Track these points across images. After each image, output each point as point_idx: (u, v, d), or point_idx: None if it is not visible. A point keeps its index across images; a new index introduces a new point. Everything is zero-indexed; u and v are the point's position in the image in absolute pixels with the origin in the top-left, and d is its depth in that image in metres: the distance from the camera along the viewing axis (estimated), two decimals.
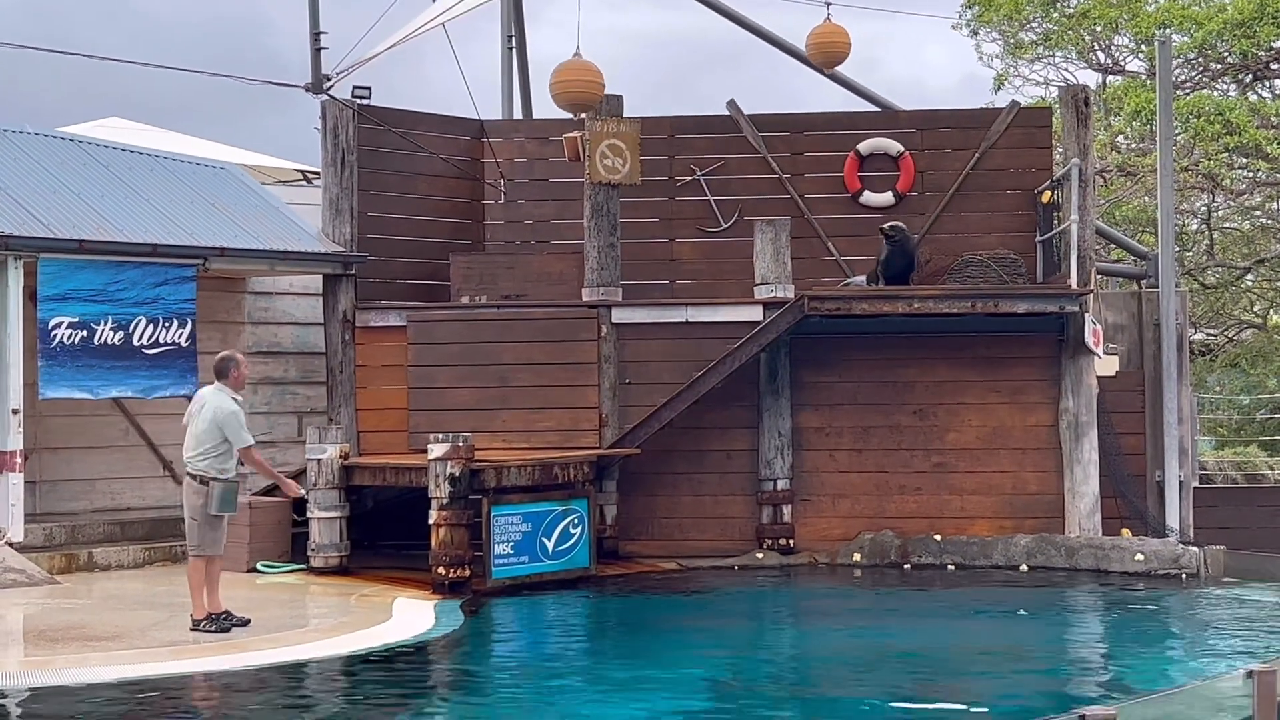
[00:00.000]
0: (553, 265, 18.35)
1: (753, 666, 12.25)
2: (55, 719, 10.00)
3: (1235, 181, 28.01)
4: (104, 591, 14.80)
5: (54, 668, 11.16)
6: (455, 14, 18.18)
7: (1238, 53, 26.25)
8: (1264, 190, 28.74)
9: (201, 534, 12.47)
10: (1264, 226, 30.22)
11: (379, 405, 17.82)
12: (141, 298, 16.38)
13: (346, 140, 18.19)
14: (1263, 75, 27.67)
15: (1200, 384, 28.02)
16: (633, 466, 17.33)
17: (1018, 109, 19.70)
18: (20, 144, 17.26)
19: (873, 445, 17.68)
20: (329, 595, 14.86)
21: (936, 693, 10.99)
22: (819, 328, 17.29)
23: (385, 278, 18.53)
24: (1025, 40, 29.35)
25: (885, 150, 19.15)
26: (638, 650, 12.68)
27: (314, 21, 18.48)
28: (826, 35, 19.07)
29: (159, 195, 17.49)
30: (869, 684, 11.29)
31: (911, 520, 17.46)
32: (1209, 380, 29.60)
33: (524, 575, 15.53)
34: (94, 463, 17.71)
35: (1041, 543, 16.87)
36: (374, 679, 11.44)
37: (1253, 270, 29.85)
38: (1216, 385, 29.71)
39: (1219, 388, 29.88)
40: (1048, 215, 18.29)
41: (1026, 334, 17.60)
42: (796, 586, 16.18)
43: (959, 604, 14.91)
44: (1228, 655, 11.96)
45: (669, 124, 19.39)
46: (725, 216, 19.18)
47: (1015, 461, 17.61)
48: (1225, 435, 27.85)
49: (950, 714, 10.31)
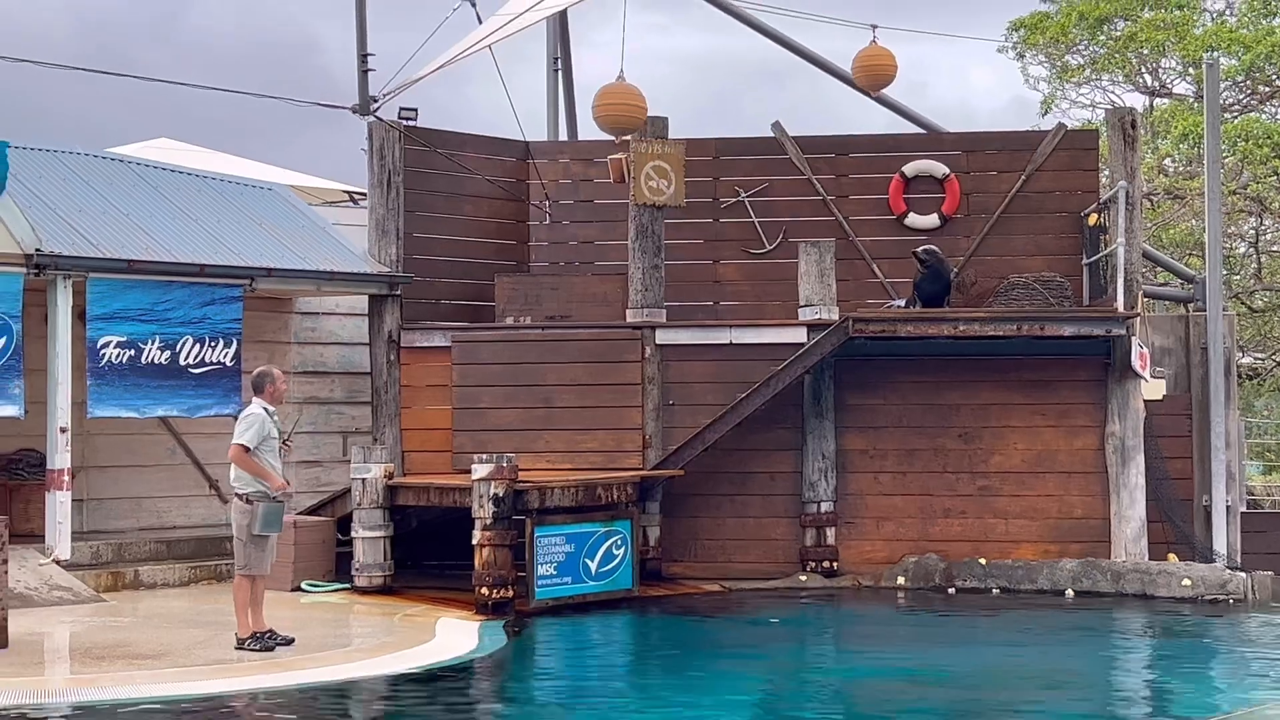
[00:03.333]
0: (597, 286, 18.34)
1: (797, 690, 12.18)
2: None
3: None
4: (149, 610, 14.85)
5: (99, 685, 11.18)
6: (502, 36, 18.21)
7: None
8: None
9: (247, 553, 12.50)
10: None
11: (423, 425, 17.85)
12: (188, 317, 16.46)
13: (393, 161, 18.26)
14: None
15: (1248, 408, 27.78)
16: (676, 488, 17.30)
17: (1064, 131, 19.60)
18: (70, 164, 17.38)
19: (917, 468, 17.61)
20: (373, 615, 14.87)
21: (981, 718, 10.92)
22: (863, 350, 17.24)
23: (430, 298, 18.58)
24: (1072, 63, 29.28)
25: (931, 172, 19.10)
26: (681, 673, 12.63)
27: (361, 43, 18.56)
28: (873, 58, 19.06)
29: (207, 215, 17.58)
30: (914, 710, 11.22)
31: (956, 544, 17.37)
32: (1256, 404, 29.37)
33: (567, 596, 15.51)
34: (141, 481, 17.78)
35: (1087, 567, 16.75)
36: (417, 699, 11.42)
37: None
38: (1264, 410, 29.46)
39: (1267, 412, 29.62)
40: (1094, 238, 18.19)
41: (1073, 357, 17.50)
42: (840, 609, 16.10)
43: (1004, 629, 14.80)
44: (1277, 682, 11.84)
45: (714, 145, 19.39)
46: (770, 238, 19.15)
47: (1061, 485, 17.50)
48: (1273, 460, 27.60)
49: None
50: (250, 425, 12.46)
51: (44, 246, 15.37)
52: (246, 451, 12.38)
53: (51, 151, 17.39)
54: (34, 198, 16.01)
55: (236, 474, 12.49)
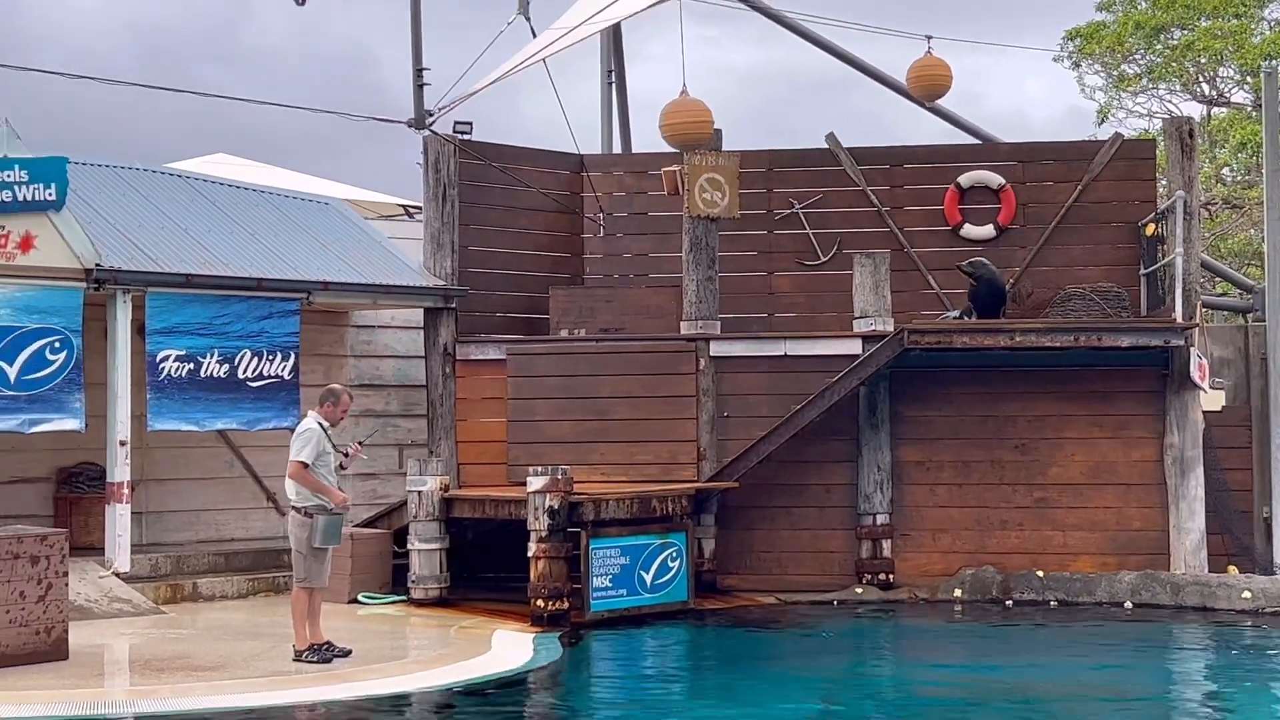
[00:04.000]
0: (651, 298, 18.36)
1: (855, 703, 12.12)
2: None
3: None
4: (208, 622, 14.93)
5: (159, 697, 11.26)
6: (556, 50, 18.28)
7: None
8: None
9: (306, 566, 12.56)
10: None
11: (478, 438, 17.90)
12: (246, 331, 16.56)
13: (448, 175, 18.33)
14: None
15: None
16: (731, 500, 17.28)
17: (1121, 141, 19.50)
18: (130, 180, 17.53)
19: (973, 480, 17.51)
20: (429, 627, 14.91)
21: None
22: (919, 361, 17.17)
23: (485, 311, 18.63)
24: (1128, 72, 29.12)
25: (986, 183, 19.03)
26: (738, 685, 12.61)
27: (417, 58, 18.67)
28: (927, 68, 19.07)
29: (264, 230, 17.70)
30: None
31: (1013, 556, 17.25)
32: None
33: (622, 608, 15.51)
34: (199, 494, 17.89)
35: (1146, 580, 16.61)
36: (473, 711, 11.46)
37: None
38: None
39: None
40: (1152, 248, 18.08)
41: (1130, 368, 17.37)
42: (897, 622, 16.02)
43: (1063, 641, 14.70)
44: None
45: (767, 157, 19.38)
46: (824, 249, 19.12)
47: (1119, 497, 17.37)
48: None
49: None
50: (306, 442, 12.52)
51: (104, 261, 15.51)
52: (305, 468, 12.45)
53: (111, 167, 17.54)
54: (94, 213, 16.16)
55: (295, 488, 12.55)
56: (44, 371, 15.14)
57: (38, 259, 15.07)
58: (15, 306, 14.99)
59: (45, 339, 15.17)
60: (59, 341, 15.24)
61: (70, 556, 12.96)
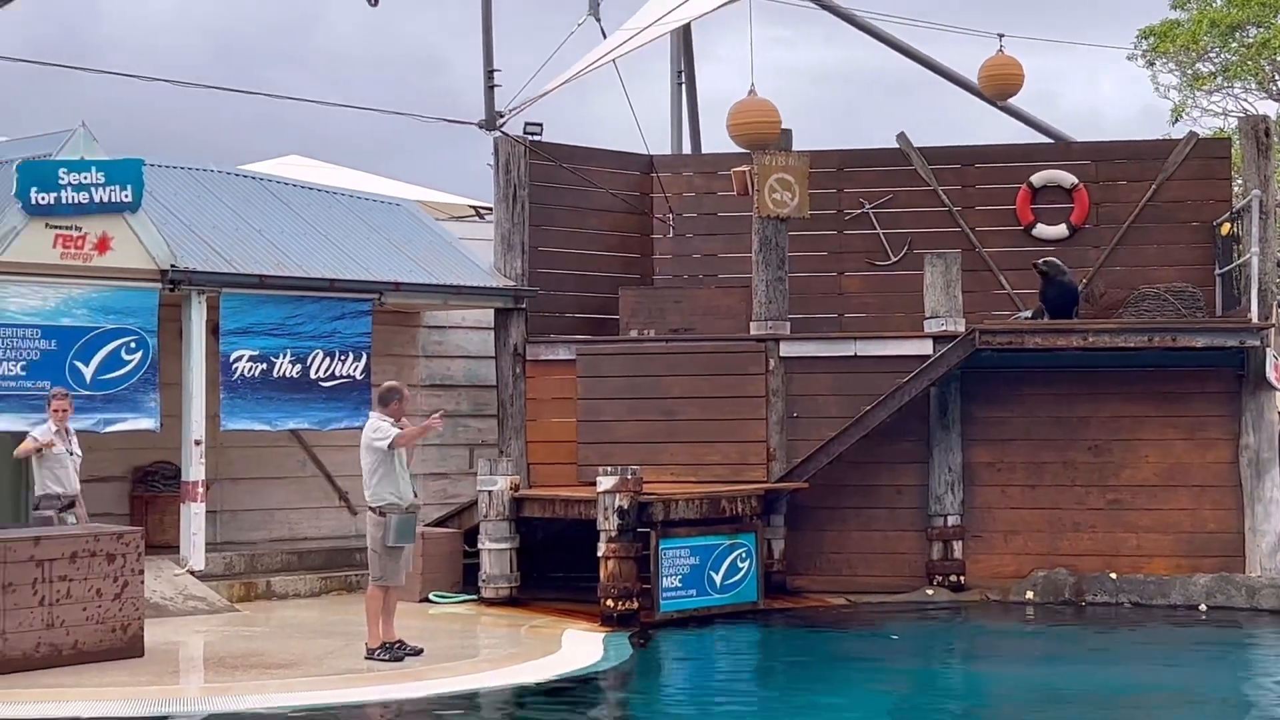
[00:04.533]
0: (720, 299, 18.34)
1: (927, 706, 12.07)
2: None
3: None
4: (281, 620, 15.03)
5: (233, 694, 11.32)
6: (626, 51, 18.29)
7: None
8: None
9: (382, 564, 12.62)
10: None
11: (548, 438, 17.94)
12: (319, 331, 16.67)
13: (518, 176, 18.38)
14: None
15: None
16: (800, 500, 17.23)
17: (1196, 140, 19.32)
18: (204, 181, 17.67)
19: (1046, 481, 17.38)
20: (499, 626, 14.95)
21: None
22: (990, 362, 17.06)
23: (555, 311, 18.67)
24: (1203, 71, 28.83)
25: (1059, 182, 18.90)
26: (808, 687, 12.57)
27: (488, 60, 18.73)
28: (999, 67, 18.97)
29: (336, 231, 17.80)
30: None
31: (1086, 558, 17.12)
32: None
33: (691, 608, 15.50)
34: (272, 493, 18.01)
35: (1221, 582, 16.44)
36: (544, 711, 11.48)
37: None
38: None
39: None
40: (1227, 248, 17.89)
41: (1205, 369, 17.20)
42: (968, 624, 15.92)
43: (1137, 644, 14.57)
44: None
45: (837, 157, 19.31)
46: (894, 250, 19.04)
47: (1193, 499, 17.20)
48: None
49: None
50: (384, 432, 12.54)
51: (179, 262, 15.64)
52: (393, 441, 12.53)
53: (186, 169, 17.69)
54: (169, 214, 16.30)
55: (372, 491, 12.61)
56: (120, 371, 15.29)
57: (114, 260, 15.22)
58: (92, 307, 15.15)
59: (121, 339, 15.31)
60: (135, 342, 15.38)
61: (145, 555, 13.11)
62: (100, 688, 11.40)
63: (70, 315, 15.04)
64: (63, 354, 14.98)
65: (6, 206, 14.68)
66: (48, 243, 14.83)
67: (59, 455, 13.60)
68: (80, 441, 14.10)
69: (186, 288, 15.77)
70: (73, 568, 12.27)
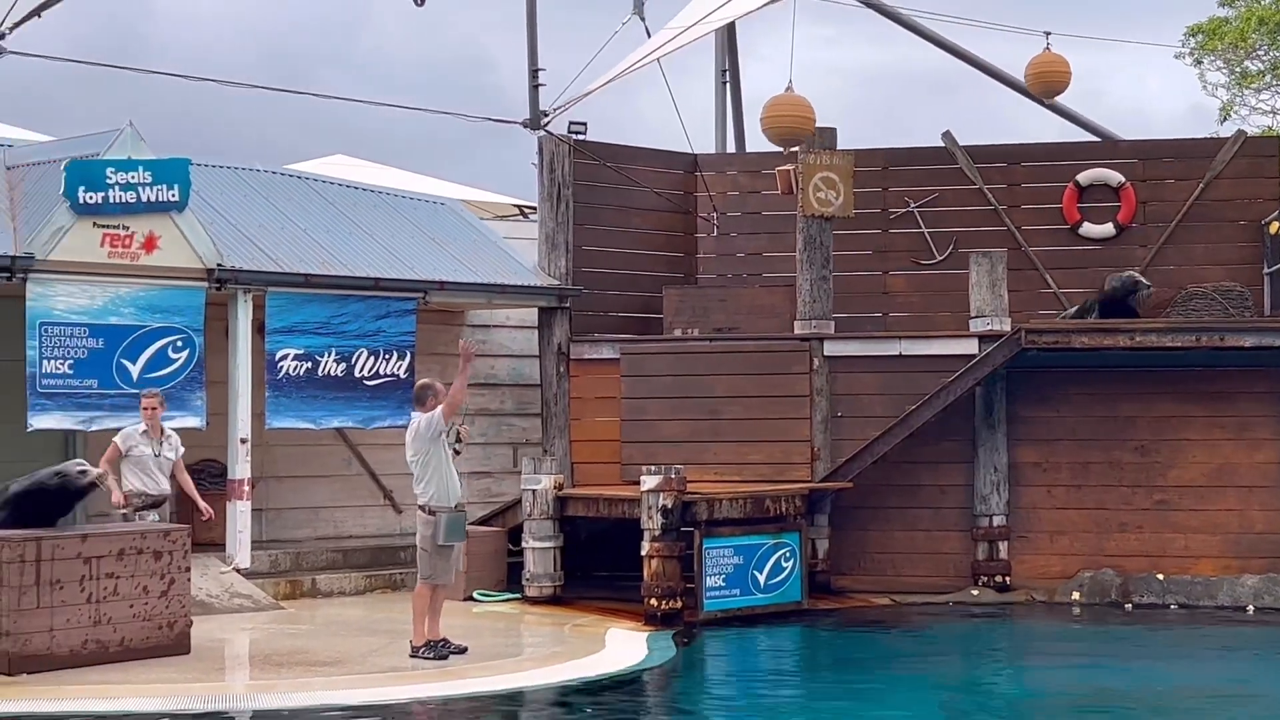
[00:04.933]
0: (765, 298, 18.31)
1: (973, 707, 12.01)
2: None
3: None
4: (326, 617, 15.07)
5: (278, 691, 11.36)
6: (670, 50, 18.28)
7: None
8: None
9: (431, 563, 12.63)
10: None
11: (592, 437, 17.94)
12: (363, 330, 16.71)
13: (562, 175, 18.39)
14: None
15: None
16: (845, 500, 17.18)
17: (1244, 138, 19.19)
18: (250, 181, 17.75)
19: (1092, 481, 17.28)
20: (543, 625, 14.95)
21: None
22: (1036, 361, 16.97)
23: (599, 310, 18.67)
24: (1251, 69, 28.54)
25: (1105, 181, 18.80)
26: (853, 688, 12.53)
27: (532, 59, 18.74)
28: (1046, 65, 18.88)
29: (381, 230, 17.84)
30: None
31: (1132, 559, 17.01)
32: None
33: (735, 608, 15.47)
34: (317, 491, 18.06)
35: (1270, 583, 16.31)
36: (588, 710, 11.46)
37: None
38: None
39: None
40: (1276, 247, 17.76)
41: (1254, 369, 17.05)
42: (1014, 624, 15.84)
43: (1185, 645, 14.46)
44: None
45: (882, 156, 19.26)
46: (939, 248, 18.97)
47: (1241, 499, 17.07)
48: None
49: None
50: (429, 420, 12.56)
51: (225, 261, 15.71)
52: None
53: (232, 169, 17.77)
54: (215, 214, 16.38)
55: (421, 489, 12.63)
56: (166, 370, 15.36)
57: (161, 259, 15.29)
58: (139, 306, 15.23)
59: (167, 338, 15.39)
60: (181, 340, 15.46)
61: (192, 552, 13.16)
62: (147, 684, 11.45)
63: (117, 314, 15.12)
64: (110, 352, 15.07)
65: (55, 206, 14.78)
66: (95, 242, 14.92)
67: (142, 456, 13.60)
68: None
69: (233, 286, 15.83)
70: (120, 565, 12.34)
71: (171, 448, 13.81)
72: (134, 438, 13.61)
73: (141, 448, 13.58)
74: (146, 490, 13.55)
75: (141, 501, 13.51)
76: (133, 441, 13.59)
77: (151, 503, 13.56)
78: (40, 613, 11.92)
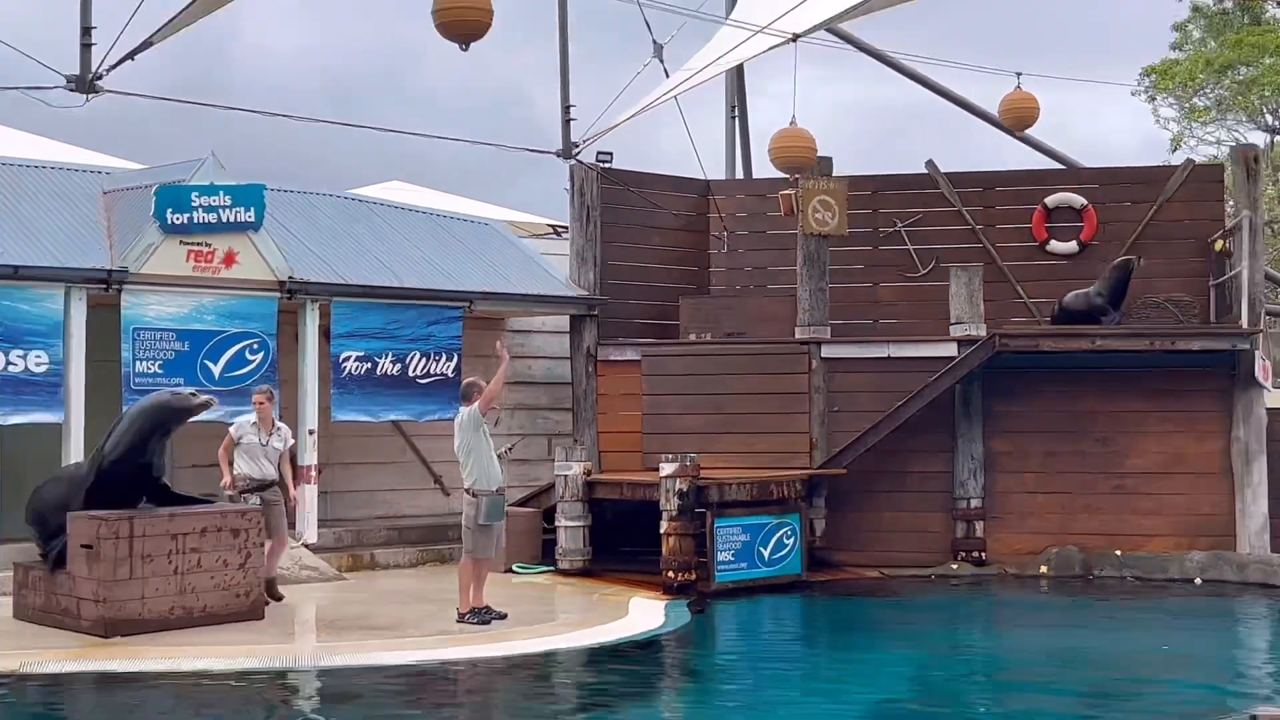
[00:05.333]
0: (769, 307, 18.26)
1: (951, 665, 12.00)
2: (342, 695, 10.23)
3: None
4: (383, 588, 15.07)
5: (341, 653, 11.39)
6: (686, 88, 18.24)
7: None
8: None
9: (474, 540, 12.64)
10: None
11: (617, 429, 17.93)
12: (416, 335, 16.73)
13: (591, 199, 18.39)
14: None
15: None
16: (840, 485, 17.14)
17: (1192, 166, 19.08)
18: (316, 204, 17.77)
19: (1058, 469, 17.21)
20: (574, 594, 14.94)
21: (1118, 692, 10.65)
22: (1008, 362, 16.92)
23: (623, 317, 18.63)
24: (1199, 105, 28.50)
25: (1070, 204, 18.73)
26: (846, 648, 12.53)
27: (565, 96, 18.71)
28: (1017, 101, 18.82)
29: (431, 247, 17.85)
30: (1058, 683, 11.00)
31: (1094, 537, 16.94)
32: None
33: (743, 580, 15.42)
34: (375, 476, 18.06)
35: (1214, 559, 16.24)
36: (613, 668, 11.46)
37: None
38: None
39: None
40: (1220, 262, 17.68)
41: (1201, 369, 16.97)
42: (988, 595, 15.78)
43: (1139, 614, 14.40)
44: None
45: (873, 182, 19.20)
46: (923, 263, 18.91)
47: (1190, 485, 16.98)
48: None
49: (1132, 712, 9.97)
50: (471, 415, 12.58)
51: (295, 274, 15.74)
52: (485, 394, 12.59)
53: (301, 193, 17.78)
54: (286, 233, 16.40)
55: (466, 474, 12.64)
56: (244, 370, 15.39)
57: (239, 273, 15.33)
58: (220, 314, 15.27)
59: (245, 341, 15.42)
60: (256, 344, 15.48)
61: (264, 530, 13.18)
62: (226, 645, 11.48)
63: (201, 320, 15.16)
64: (194, 354, 15.11)
65: (146, 225, 14.82)
66: (181, 257, 14.96)
67: (251, 445, 13.55)
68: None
69: (301, 297, 15.86)
70: (203, 541, 12.37)
71: (280, 439, 13.78)
72: (245, 428, 13.63)
73: (251, 437, 13.58)
74: (252, 475, 13.54)
75: (246, 485, 13.50)
76: (243, 431, 13.62)
77: (256, 486, 13.53)
78: (133, 583, 11.97)
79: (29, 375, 14.22)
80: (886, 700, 10.38)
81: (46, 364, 14.29)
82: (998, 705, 10.46)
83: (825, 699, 10.40)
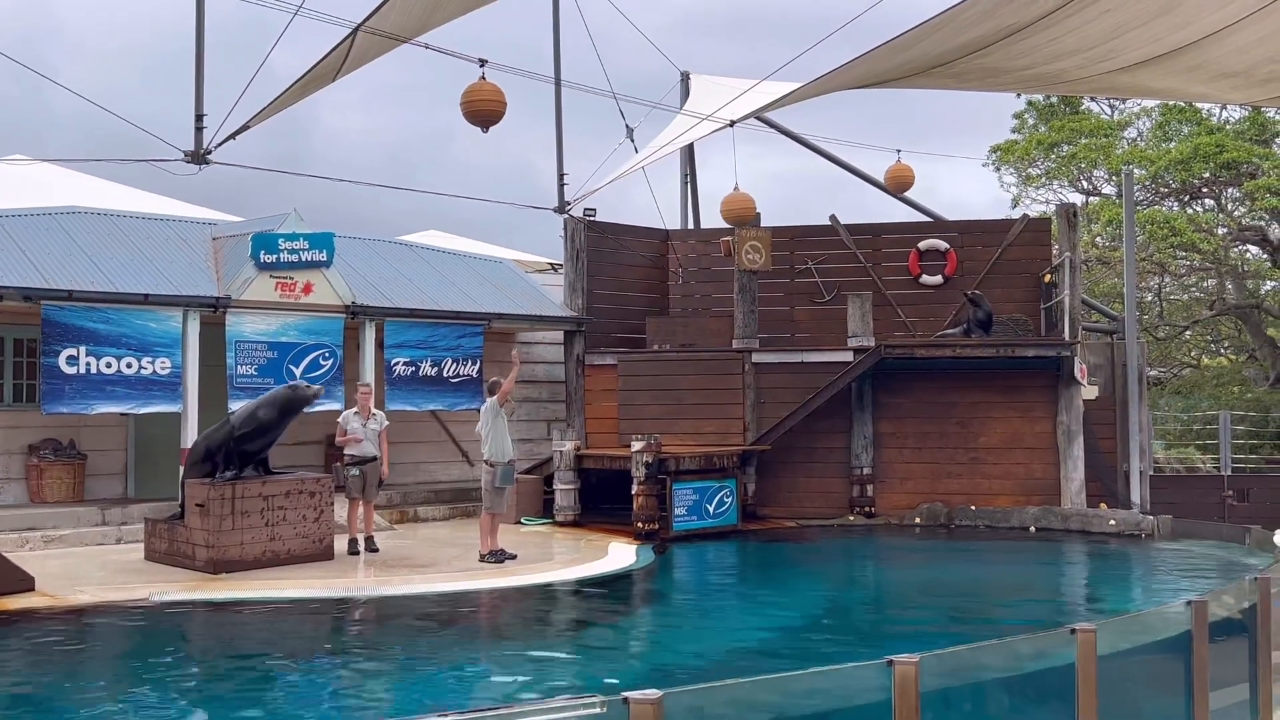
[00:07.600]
0: (713, 325, 18.28)
1: (849, 590, 12.03)
2: (391, 617, 10.19)
3: (1178, 268, 26.98)
4: (423, 535, 15.04)
5: (391, 584, 11.36)
6: (650, 160, 18.28)
7: (1179, 180, 25.32)
8: (1197, 273, 27.72)
9: (491, 498, 12.65)
10: (1197, 298, 29.33)
11: (599, 416, 17.92)
12: (449, 345, 16.68)
13: (579, 243, 18.37)
14: (1196, 196, 26.65)
15: (1154, 405, 26.89)
16: (766, 458, 17.16)
17: (1027, 220, 19.20)
18: (373, 248, 17.72)
19: (928, 445, 17.28)
20: (567, 540, 14.92)
21: (973, 611, 10.70)
22: (892, 366, 16.98)
23: (603, 333, 18.63)
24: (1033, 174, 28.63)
25: (937, 247, 18.81)
26: (772, 579, 12.53)
27: (559, 165, 18.69)
28: (898, 171, 18.95)
29: (460, 279, 17.81)
30: (930, 605, 11.04)
31: (955, 496, 17.02)
32: (1160, 402, 28.44)
33: (694, 529, 15.43)
34: (418, 451, 18.02)
35: (1045, 512, 16.33)
36: (597, 594, 11.46)
37: (1190, 328, 28.94)
38: (1165, 405, 28.52)
39: (1167, 407, 28.68)
40: (1048, 291, 17.79)
41: (1035, 370, 17.08)
42: (876, 539, 15.82)
43: (988, 553, 14.46)
44: (1173, 589, 11.45)
45: (791, 231, 19.25)
46: (828, 292, 18.97)
47: (1026, 456, 17.08)
48: (1171, 440, 26.70)
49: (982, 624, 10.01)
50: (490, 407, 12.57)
51: (357, 300, 15.68)
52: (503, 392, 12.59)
53: (361, 239, 17.74)
54: (349, 270, 16.35)
55: (486, 448, 12.60)
56: (318, 373, 15.33)
57: (315, 299, 15.27)
58: (300, 330, 15.20)
59: (319, 351, 15.36)
60: (328, 353, 15.43)
61: (336, 492, 13.10)
62: (305, 579, 11.44)
63: (286, 335, 15.09)
64: (280, 361, 15.04)
65: (244, 263, 14.75)
66: (271, 288, 14.90)
67: (354, 429, 13.38)
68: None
69: (362, 317, 15.81)
70: (288, 500, 12.31)
71: (377, 423, 13.60)
72: (349, 416, 13.53)
73: (354, 423, 13.46)
74: (357, 455, 13.43)
75: (349, 460, 13.41)
76: (348, 418, 13.51)
77: (357, 461, 13.40)
78: (234, 532, 11.91)
79: (156, 376, 14.14)
80: (803, 614, 10.38)
81: (169, 368, 14.20)
82: (885, 620, 10.49)
83: (755, 616, 10.41)
